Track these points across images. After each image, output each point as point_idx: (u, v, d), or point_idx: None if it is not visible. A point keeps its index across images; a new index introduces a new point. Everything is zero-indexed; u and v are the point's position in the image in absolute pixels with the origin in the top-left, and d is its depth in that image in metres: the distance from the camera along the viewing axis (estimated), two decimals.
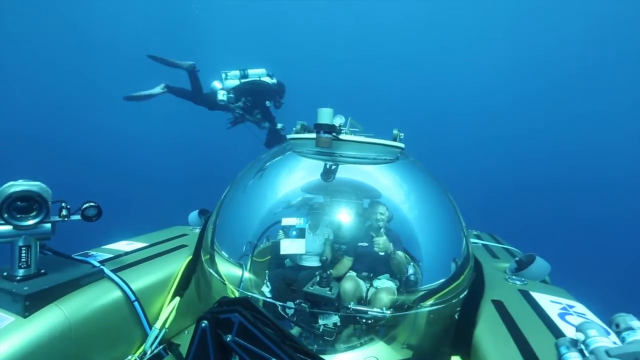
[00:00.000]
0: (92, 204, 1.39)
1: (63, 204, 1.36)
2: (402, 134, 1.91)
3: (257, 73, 2.80)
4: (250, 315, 1.07)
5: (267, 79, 2.76)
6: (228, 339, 1.06)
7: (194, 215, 2.52)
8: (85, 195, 1.53)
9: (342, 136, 1.68)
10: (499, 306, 1.44)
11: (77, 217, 1.38)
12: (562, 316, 1.35)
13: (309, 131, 1.90)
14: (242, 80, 2.81)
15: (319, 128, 1.56)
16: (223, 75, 3.09)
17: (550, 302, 1.48)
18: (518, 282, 1.72)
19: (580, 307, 1.46)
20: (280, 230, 1.58)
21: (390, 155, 1.84)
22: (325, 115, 1.55)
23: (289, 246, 1.57)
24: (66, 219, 1.34)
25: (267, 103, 3.44)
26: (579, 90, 11.01)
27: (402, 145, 1.88)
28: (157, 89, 4.12)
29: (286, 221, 1.58)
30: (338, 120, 1.74)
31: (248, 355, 1.05)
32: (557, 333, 1.21)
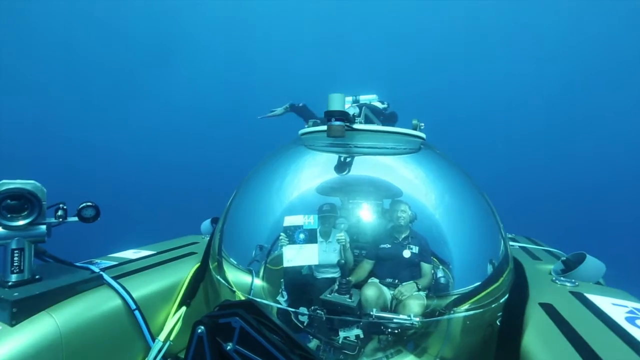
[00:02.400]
0: (89, 204, 1.30)
1: (60, 205, 1.28)
2: (423, 124, 1.75)
3: (368, 98, 2.91)
4: (253, 320, 0.92)
5: (377, 104, 2.83)
6: (228, 347, 0.91)
7: (206, 224, 2.43)
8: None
9: (356, 125, 1.54)
10: (550, 310, 1.22)
11: (74, 218, 1.30)
12: (630, 320, 1.11)
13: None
14: (353, 105, 2.94)
15: (330, 115, 1.41)
16: None
17: (612, 305, 1.24)
18: (568, 284, 1.48)
19: None
20: (282, 234, 1.33)
21: (412, 145, 1.68)
22: (336, 101, 1.41)
23: (295, 255, 1.31)
24: (61, 219, 1.25)
25: None
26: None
27: (423, 135, 1.72)
28: (280, 109, 4.36)
29: (290, 220, 1.34)
30: (352, 111, 1.61)
31: None
32: (628, 339, 0.99)
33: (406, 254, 1.39)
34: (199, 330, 0.90)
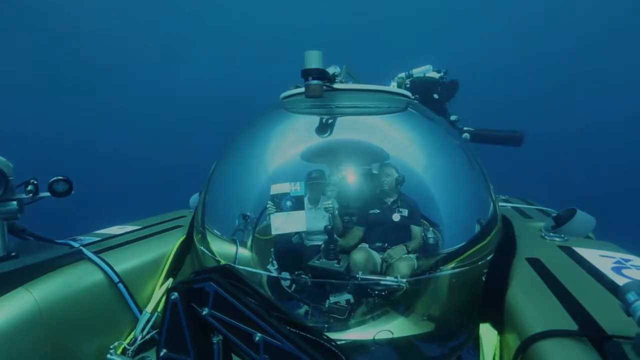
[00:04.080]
0: (60, 177, 1.26)
1: (31, 180, 1.23)
2: (408, 82, 1.68)
3: (422, 70, 2.76)
4: (228, 284, 0.90)
5: (433, 74, 2.69)
6: (204, 312, 0.89)
7: (195, 198, 2.39)
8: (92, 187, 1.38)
9: (336, 85, 1.46)
10: (536, 264, 1.20)
11: (46, 193, 1.25)
12: (617, 270, 1.10)
13: None
14: (407, 80, 2.80)
15: (307, 74, 1.34)
16: (391, 82, 3.14)
17: (600, 257, 1.22)
18: (557, 239, 1.46)
19: (638, 260, 1.20)
20: (270, 202, 1.30)
21: (397, 104, 1.61)
22: (313, 59, 1.33)
23: (283, 223, 1.29)
24: (32, 195, 1.21)
25: (435, 96, 3.39)
26: None
27: (409, 94, 1.65)
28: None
29: (276, 188, 1.31)
30: (332, 70, 1.53)
31: (229, 331, 0.88)
32: (613, 288, 0.97)
33: (395, 217, 1.36)
34: (173, 297, 0.88)
